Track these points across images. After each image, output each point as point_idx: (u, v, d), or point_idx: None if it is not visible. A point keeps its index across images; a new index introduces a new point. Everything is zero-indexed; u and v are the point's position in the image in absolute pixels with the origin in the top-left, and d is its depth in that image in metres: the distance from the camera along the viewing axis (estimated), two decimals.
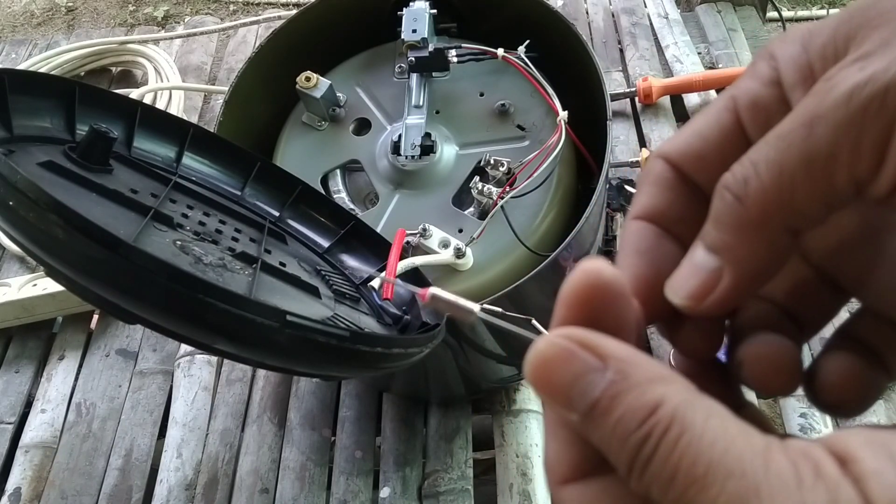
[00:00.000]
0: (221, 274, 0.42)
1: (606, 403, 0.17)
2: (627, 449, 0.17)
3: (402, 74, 0.67)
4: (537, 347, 0.18)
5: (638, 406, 0.17)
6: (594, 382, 0.17)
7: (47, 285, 0.82)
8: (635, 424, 0.17)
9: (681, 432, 0.16)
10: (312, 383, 0.77)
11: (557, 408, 0.18)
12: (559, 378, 0.18)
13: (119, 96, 0.53)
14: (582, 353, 0.18)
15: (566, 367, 0.18)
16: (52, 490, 0.73)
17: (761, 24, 1.11)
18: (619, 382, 0.17)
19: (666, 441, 0.16)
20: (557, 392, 0.18)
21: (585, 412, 0.17)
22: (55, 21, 2.16)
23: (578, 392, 0.17)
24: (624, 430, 0.17)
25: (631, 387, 0.17)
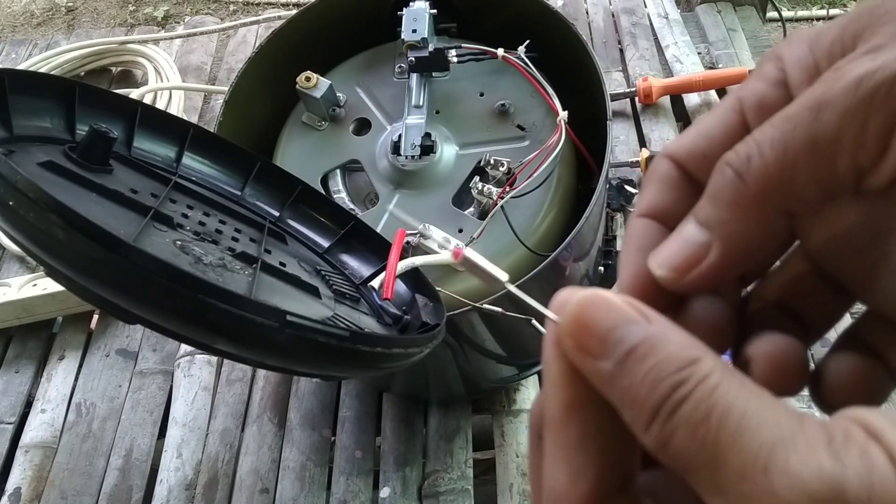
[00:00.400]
0: (221, 274, 0.42)
1: (645, 349, 0.17)
2: (660, 390, 0.16)
3: (402, 74, 0.67)
4: (580, 294, 0.18)
5: (678, 354, 0.17)
6: (634, 331, 0.17)
7: (47, 285, 0.82)
8: (674, 368, 0.17)
9: (718, 381, 0.16)
10: (312, 383, 0.77)
11: (586, 358, 0.18)
12: (600, 322, 0.18)
13: (119, 96, 0.53)
14: (626, 306, 0.18)
15: (609, 314, 0.18)
16: (52, 490, 0.73)
17: (761, 24, 1.11)
18: (660, 335, 0.17)
19: (705, 385, 0.16)
20: (594, 336, 0.18)
21: (620, 357, 0.17)
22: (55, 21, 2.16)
23: (617, 337, 0.17)
24: (659, 372, 0.17)
25: (671, 340, 0.17)
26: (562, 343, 0.18)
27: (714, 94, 0.98)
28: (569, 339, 0.18)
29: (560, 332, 0.18)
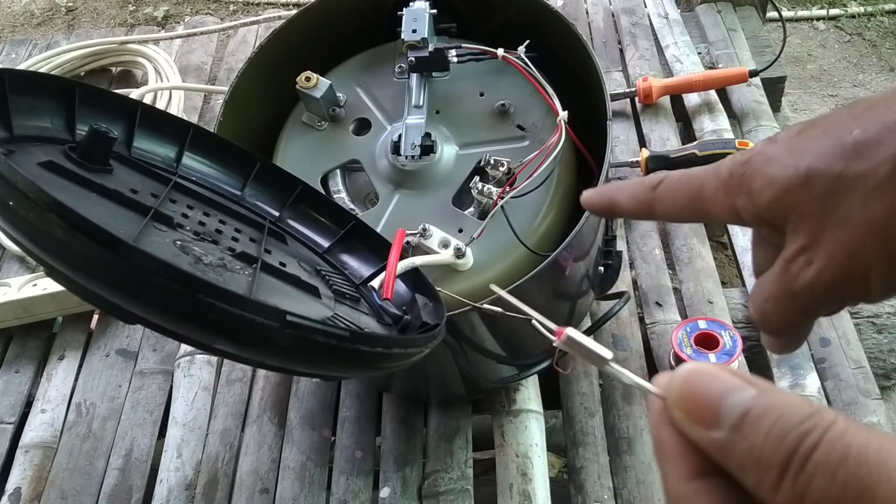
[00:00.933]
0: (221, 274, 0.41)
1: (761, 410, 0.18)
2: (787, 443, 0.17)
3: (402, 74, 0.67)
4: (684, 367, 0.19)
5: (797, 411, 0.17)
6: (746, 396, 0.18)
7: (47, 285, 0.82)
8: (796, 421, 0.17)
9: (845, 427, 0.17)
10: (312, 383, 0.77)
11: (698, 428, 0.18)
12: (709, 392, 0.18)
13: (119, 96, 0.53)
14: (731, 376, 0.19)
15: (716, 383, 0.19)
16: (52, 490, 0.73)
17: (761, 24, 1.11)
18: (772, 394, 0.18)
19: (834, 429, 0.17)
20: (705, 406, 0.18)
21: (735, 423, 0.18)
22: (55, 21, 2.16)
23: (728, 404, 0.18)
24: (783, 428, 0.17)
25: (785, 399, 0.18)
26: (673, 417, 0.19)
27: (714, 94, 0.98)
28: (680, 413, 0.19)
29: (671, 405, 0.19)
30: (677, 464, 0.19)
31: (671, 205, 0.30)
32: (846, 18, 1.92)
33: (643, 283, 0.82)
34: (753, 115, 0.96)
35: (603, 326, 0.74)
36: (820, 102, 1.74)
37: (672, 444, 0.19)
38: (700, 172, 0.29)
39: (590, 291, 0.73)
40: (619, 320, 0.78)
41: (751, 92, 0.98)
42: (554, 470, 0.82)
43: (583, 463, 0.69)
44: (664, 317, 0.78)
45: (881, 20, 1.89)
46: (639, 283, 0.82)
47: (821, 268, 0.26)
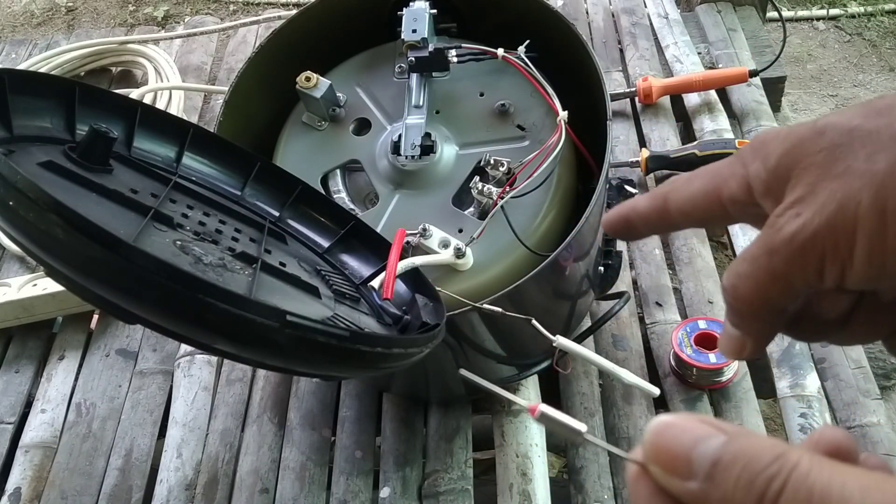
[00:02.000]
0: (221, 274, 0.42)
1: (730, 457, 0.18)
2: (756, 488, 0.18)
3: (402, 74, 0.67)
4: (654, 422, 0.20)
5: (762, 455, 0.18)
6: (715, 444, 0.19)
7: (47, 285, 0.82)
8: (762, 465, 0.18)
9: (810, 465, 0.18)
10: (312, 383, 0.77)
11: (674, 480, 0.19)
12: (680, 444, 0.19)
13: (119, 96, 0.53)
14: (699, 425, 0.19)
15: (687, 435, 0.19)
16: (52, 490, 0.73)
17: (761, 24, 1.11)
18: (739, 440, 0.19)
19: (798, 471, 0.17)
20: (677, 458, 0.19)
21: (707, 472, 0.18)
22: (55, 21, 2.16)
23: (699, 453, 0.19)
24: (751, 473, 0.18)
25: (753, 443, 0.19)
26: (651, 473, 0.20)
27: (714, 94, 0.98)
28: (655, 467, 0.20)
29: (647, 461, 0.20)
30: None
31: (687, 190, 0.28)
32: (846, 18, 1.92)
33: (643, 283, 0.82)
34: (753, 115, 0.96)
35: (603, 326, 0.74)
36: (820, 102, 1.74)
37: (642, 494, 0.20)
38: (720, 161, 0.28)
39: (590, 291, 0.73)
40: (619, 320, 0.78)
41: (751, 92, 0.98)
42: (554, 470, 0.82)
43: (583, 463, 0.69)
44: (664, 317, 0.78)
45: (881, 20, 1.89)
46: (639, 283, 0.82)
47: (807, 218, 0.24)
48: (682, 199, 0.28)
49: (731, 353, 0.29)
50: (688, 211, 0.28)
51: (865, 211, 0.23)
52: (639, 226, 0.30)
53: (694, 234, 0.85)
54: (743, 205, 0.27)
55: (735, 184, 0.27)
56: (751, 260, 0.26)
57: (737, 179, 0.27)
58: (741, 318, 0.27)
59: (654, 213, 0.30)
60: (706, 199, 0.28)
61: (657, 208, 0.29)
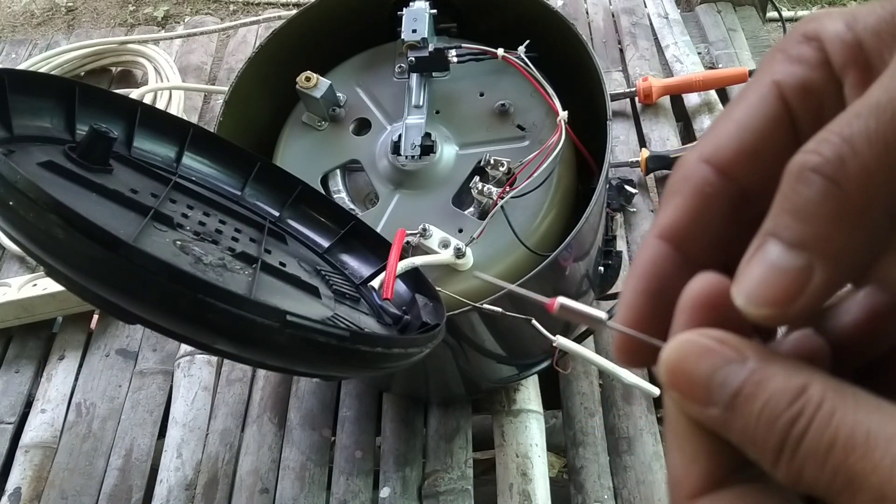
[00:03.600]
0: (221, 274, 0.42)
1: (751, 389, 0.17)
2: (777, 429, 0.16)
3: (402, 74, 0.67)
4: (671, 345, 0.18)
5: (785, 387, 0.17)
6: (735, 372, 0.17)
7: (47, 285, 0.82)
8: (785, 403, 0.16)
9: (834, 406, 0.16)
10: (312, 383, 0.77)
11: (694, 405, 0.18)
12: (698, 371, 0.18)
13: (119, 96, 0.53)
14: (719, 346, 0.18)
15: (705, 360, 0.18)
16: (52, 490, 0.73)
17: (761, 24, 1.11)
18: (761, 370, 0.17)
19: (821, 413, 0.16)
20: (696, 385, 0.18)
21: (727, 402, 0.17)
22: (55, 21, 2.16)
23: (719, 382, 0.17)
24: (772, 411, 0.17)
25: (775, 373, 0.17)
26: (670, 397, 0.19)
27: (714, 94, 0.98)
28: (672, 392, 0.18)
29: (665, 387, 0.19)
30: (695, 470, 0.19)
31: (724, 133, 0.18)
32: None
33: None
34: None
35: None
36: None
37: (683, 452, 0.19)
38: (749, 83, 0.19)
39: (590, 291, 0.73)
40: None
41: None
42: (554, 470, 0.82)
43: (583, 463, 0.69)
44: None
45: None
46: None
47: None
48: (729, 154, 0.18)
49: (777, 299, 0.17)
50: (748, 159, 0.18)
51: None
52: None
53: None
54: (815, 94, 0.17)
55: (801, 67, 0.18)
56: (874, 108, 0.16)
57: (803, 61, 0.18)
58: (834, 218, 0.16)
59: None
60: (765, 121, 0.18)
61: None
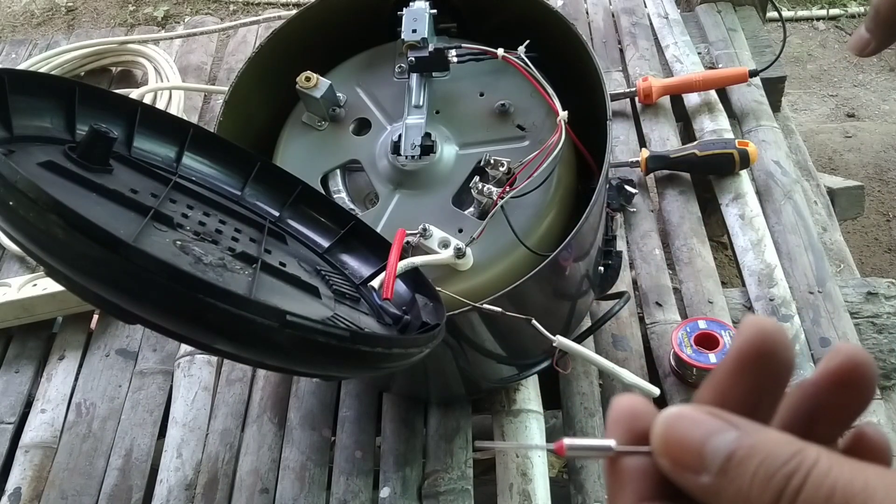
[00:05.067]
0: (221, 274, 0.42)
1: (745, 452, 0.18)
2: (773, 485, 0.17)
3: (402, 74, 0.67)
4: (665, 414, 0.19)
5: (780, 451, 0.17)
6: (728, 438, 0.18)
7: (47, 285, 0.82)
8: (781, 462, 0.17)
9: (830, 463, 0.17)
10: (312, 383, 0.77)
11: (685, 473, 0.18)
12: (691, 438, 0.18)
13: (119, 96, 0.53)
14: (712, 418, 0.19)
15: (698, 428, 0.19)
16: (52, 490, 0.73)
17: (761, 24, 1.11)
18: (754, 435, 0.18)
19: (818, 468, 0.17)
20: (689, 452, 0.18)
21: (720, 466, 0.18)
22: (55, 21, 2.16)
23: (712, 448, 0.18)
24: (768, 469, 0.17)
25: (769, 438, 0.18)
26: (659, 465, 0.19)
27: (714, 94, 0.98)
28: (664, 460, 0.19)
29: (656, 454, 0.19)
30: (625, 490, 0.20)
31: None
32: (846, 18, 1.92)
33: (643, 283, 0.82)
34: (753, 115, 0.96)
35: (603, 326, 0.74)
36: (820, 102, 1.74)
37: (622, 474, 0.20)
38: None
39: (590, 291, 0.73)
40: (619, 320, 0.78)
41: (751, 92, 0.98)
42: (554, 470, 0.82)
43: (583, 463, 0.69)
44: (664, 317, 0.78)
45: None
46: (639, 283, 0.82)
47: None
48: None
49: (858, 49, 0.38)
50: None
51: None
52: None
53: (694, 234, 0.85)
54: None
55: None
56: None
57: None
58: (875, 23, 0.36)
59: None
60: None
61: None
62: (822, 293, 0.78)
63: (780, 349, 0.20)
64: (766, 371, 0.20)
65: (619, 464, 0.20)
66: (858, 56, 0.38)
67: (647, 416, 0.20)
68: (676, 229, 0.86)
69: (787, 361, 0.20)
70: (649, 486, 0.19)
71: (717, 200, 0.89)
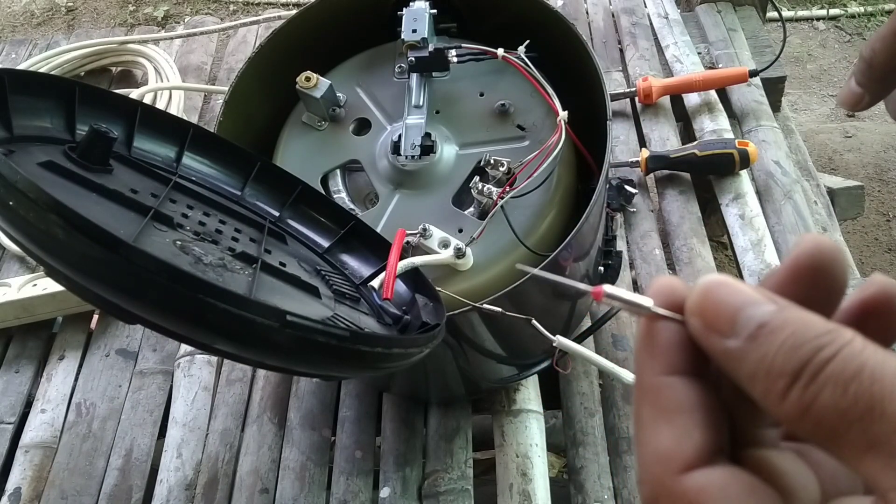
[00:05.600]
0: (221, 274, 0.42)
1: (778, 323, 0.17)
2: (800, 354, 0.17)
3: (402, 74, 0.67)
4: (708, 277, 0.19)
5: (815, 325, 0.17)
6: (765, 309, 0.18)
7: (47, 285, 0.82)
8: (813, 335, 0.17)
9: (864, 344, 0.17)
10: (312, 383, 0.77)
11: (713, 336, 0.18)
12: (728, 302, 0.18)
13: (119, 96, 0.53)
14: (752, 290, 0.18)
15: (737, 296, 0.18)
16: (52, 490, 0.73)
17: (761, 24, 1.11)
18: (791, 309, 0.18)
19: (851, 346, 0.16)
20: (722, 315, 0.18)
21: (751, 333, 0.18)
22: (55, 21, 2.16)
23: (747, 315, 0.18)
24: (798, 339, 0.17)
25: (805, 316, 0.17)
26: (689, 324, 0.19)
27: (714, 94, 0.98)
28: (696, 319, 0.19)
29: (688, 312, 0.19)
30: (657, 359, 0.19)
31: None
32: (846, 18, 1.92)
33: (643, 283, 0.82)
34: (753, 115, 0.96)
35: (603, 326, 0.74)
36: (820, 102, 1.74)
37: (656, 342, 0.20)
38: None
39: None
40: (619, 320, 0.78)
41: (751, 92, 0.98)
42: (554, 470, 0.82)
43: (583, 463, 0.69)
44: None
45: (881, 20, 1.89)
46: (639, 283, 0.82)
47: None
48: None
49: (850, 105, 0.37)
50: None
51: None
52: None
53: (694, 234, 0.85)
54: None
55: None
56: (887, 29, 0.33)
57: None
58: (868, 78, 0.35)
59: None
60: None
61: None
62: None
63: (836, 267, 0.19)
64: (818, 286, 0.19)
65: (655, 331, 0.20)
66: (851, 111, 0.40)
67: (685, 293, 0.20)
68: (676, 229, 0.86)
69: (840, 280, 0.20)
70: (681, 360, 0.19)
71: (717, 200, 0.89)
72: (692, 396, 0.19)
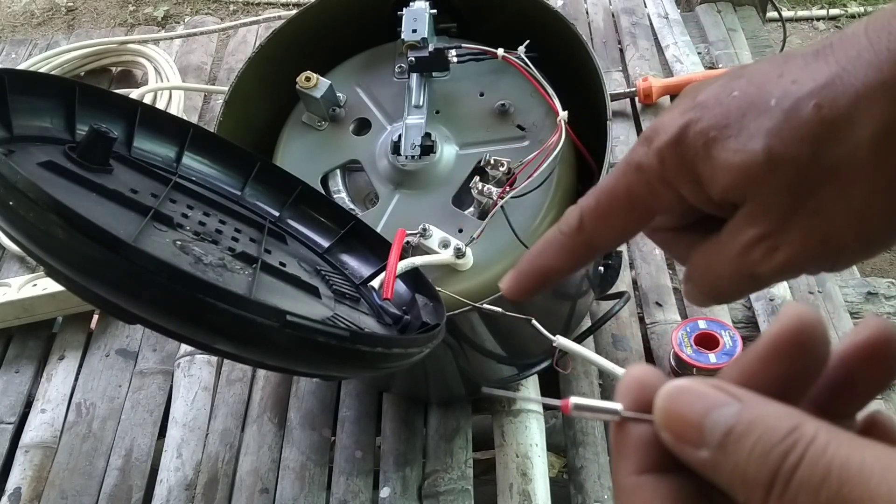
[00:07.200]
0: (221, 274, 0.42)
1: (744, 427, 0.18)
2: (770, 462, 0.17)
3: (402, 74, 0.67)
4: (667, 388, 0.19)
5: (778, 425, 0.17)
6: (728, 412, 0.18)
7: (47, 285, 0.82)
8: (778, 438, 0.17)
9: (827, 440, 0.17)
10: (312, 383, 0.77)
11: (685, 447, 0.19)
12: (692, 411, 0.18)
13: (119, 96, 0.53)
14: (713, 391, 0.19)
15: (699, 402, 0.19)
16: (52, 490, 0.73)
17: (761, 24, 1.11)
18: (755, 409, 0.18)
19: (815, 446, 0.17)
20: (689, 426, 0.18)
21: (719, 441, 0.18)
22: (55, 21, 2.16)
23: (712, 422, 0.18)
24: (765, 445, 0.17)
25: (767, 413, 0.18)
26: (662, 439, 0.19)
27: None
28: (666, 433, 0.19)
29: (658, 427, 0.19)
30: (629, 459, 0.20)
31: (610, 230, 0.27)
32: (846, 18, 1.92)
33: (643, 283, 0.82)
34: None
35: (603, 326, 0.74)
36: None
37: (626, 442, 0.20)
38: (617, 178, 0.26)
39: (590, 291, 0.73)
40: (619, 320, 0.78)
41: None
42: (554, 470, 0.82)
43: (583, 463, 0.69)
44: (664, 317, 0.78)
45: None
46: (639, 283, 0.82)
47: (790, 254, 0.24)
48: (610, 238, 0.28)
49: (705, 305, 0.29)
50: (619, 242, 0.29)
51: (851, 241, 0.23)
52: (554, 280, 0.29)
53: None
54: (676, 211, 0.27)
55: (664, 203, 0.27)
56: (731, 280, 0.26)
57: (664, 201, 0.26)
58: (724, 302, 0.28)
59: (576, 262, 0.28)
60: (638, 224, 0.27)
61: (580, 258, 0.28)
62: (822, 293, 0.78)
63: (817, 341, 0.19)
64: (799, 361, 0.19)
65: (626, 431, 0.20)
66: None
67: (657, 387, 0.20)
68: None
69: (821, 355, 0.20)
70: (654, 457, 0.20)
71: None
72: (664, 494, 0.19)
